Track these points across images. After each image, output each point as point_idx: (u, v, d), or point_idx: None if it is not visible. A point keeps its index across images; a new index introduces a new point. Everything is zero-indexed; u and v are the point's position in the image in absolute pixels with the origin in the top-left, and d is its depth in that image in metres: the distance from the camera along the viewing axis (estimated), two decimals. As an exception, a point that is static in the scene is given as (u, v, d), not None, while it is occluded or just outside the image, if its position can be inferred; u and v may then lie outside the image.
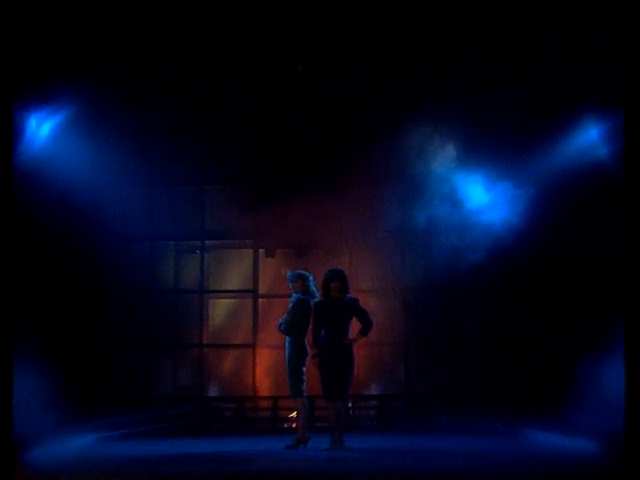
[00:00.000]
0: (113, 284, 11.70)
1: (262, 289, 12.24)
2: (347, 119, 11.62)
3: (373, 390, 12.03)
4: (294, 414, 8.72)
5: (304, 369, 8.48)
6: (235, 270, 12.47)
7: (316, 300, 8.58)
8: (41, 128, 10.09)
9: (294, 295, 8.66)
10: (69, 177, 10.23)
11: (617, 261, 7.33)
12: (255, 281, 12.26)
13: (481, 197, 11.15)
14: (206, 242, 12.35)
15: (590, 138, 10.02)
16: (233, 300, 12.55)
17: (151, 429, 10.59)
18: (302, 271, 8.93)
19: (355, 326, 8.79)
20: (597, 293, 9.67)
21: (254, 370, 12.05)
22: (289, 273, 8.88)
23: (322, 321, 8.50)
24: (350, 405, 11.14)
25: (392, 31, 10.41)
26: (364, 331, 8.66)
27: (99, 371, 11.26)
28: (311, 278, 8.70)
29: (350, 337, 8.60)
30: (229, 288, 12.44)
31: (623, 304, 6.55)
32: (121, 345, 11.73)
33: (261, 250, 12.27)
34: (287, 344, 8.55)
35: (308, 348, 8.49)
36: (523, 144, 10.71)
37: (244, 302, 12.30)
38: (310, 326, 8.53)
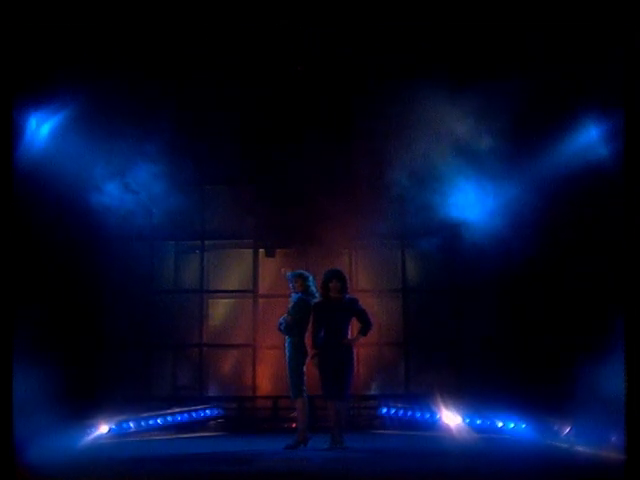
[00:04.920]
0: (113, 284, 11.69)
1: (262, 289, 12.23)
2: (347, 118, 11.61)
3: (373, 390, 12.02)
4: (294, 413, 8.71)
5: (304, 369, 8.49)
6: (235, 270, 12.45)
7: (316, 300, 8.60)
8: (41, 128, 10.08)
9: (294, 295, 8.67)
10: (69, 177, 10.22)
11: (617, 260, 7.33)
12: (255, 281, 12.25)
13: (481, 197, 11.14)
14: (206, 242, 12.33)
15: (590, 138, 10.01)
16: (233, 300, 12.53)
17: (151, 429, 10.60)
18: (302, 271, 8.95)
19: (355, 326, 8.80)
20: (598, 293, 9.66)
21: (254, 370, 12.04)
22: (289, 273, 8.89)
23: (322, 321, 8.51)
24: (351, 405, 11.13)
25: (392, 31, 10.40)
26: (363, 331, 8.68)
27: (99, 371, 11.25)
28: (311, 278, 8.72)
29: (350, 337, 8.61)
30: (229, 288, 12.42)
31: (623, 304, 6.55)
32: (121, 345, 11.71)
33: (261, 250, 12.25)
34: (287, 344, 8.56)
35: (308, 348, 8.50)
36: (523, 144, 10.70)
37: (244, 302, 12.29)
38: (310, 326, 8.55)
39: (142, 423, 10.50)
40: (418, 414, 11.01)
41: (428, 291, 12.11)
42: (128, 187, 11.38)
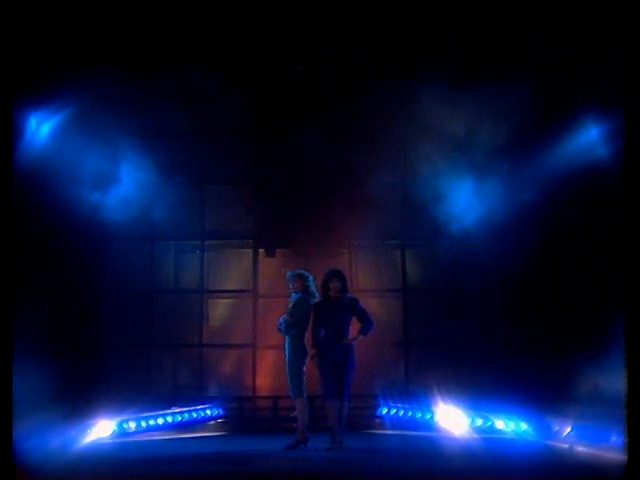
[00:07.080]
0: (113, 284, 11.68)
1: (262, 289, 12.23)
2: (348, 118, 11.62)
3: (373, 390, 12.00)
4: (294, 413, 8.71)
5: (304, 369, 8.49)
6: (235, 270, 12.46)
7: (316, 300, 8.60)
8: (41, 128, 10.07)
9: (294, 295, 8.67)
10: (69, 177, 10.22)
11: (617, 260, 7.33)
12: (255, 281, 12.25)
13: (480, 197, 11.14)
14: (206, 242, 12.34)
15: (590, 138, 10.00)
16: (233, 300, 12.53)
17: (151, 429, 10.60)
18: (302, 271, 8.95)
19: (356, 326, 8.79)
20: (598, 293, 9.66)
21: (254, 370, 12.05)
22: (289, 273, 8.89)
23: (322, 321, 8.51)
24: (351, 405, 11.12)
25: (392, 31, 10.40)
26: (364, 331, 8.67)
27: (98, 371, 11.24)
28: (311, 278, 8.72)
29: (350, 337, 8.60)
30: (229, 288, 12.42)
31: (623, 304, 6.54)
32: (121, 345, 11.70)
33: (261, 250, 12.26)
34: (287, 344, 8.56)
35: (308, 348, 8.50)
36: (523, 144, 10.69)
37: (244, 302, 12.29)
38: (310, 326, 8.55)
39: (142, 423, 10.49)
40: (418, 414, 10.99)
41: (428, 291, 12.11)
42: (127, 187, 11.38)
